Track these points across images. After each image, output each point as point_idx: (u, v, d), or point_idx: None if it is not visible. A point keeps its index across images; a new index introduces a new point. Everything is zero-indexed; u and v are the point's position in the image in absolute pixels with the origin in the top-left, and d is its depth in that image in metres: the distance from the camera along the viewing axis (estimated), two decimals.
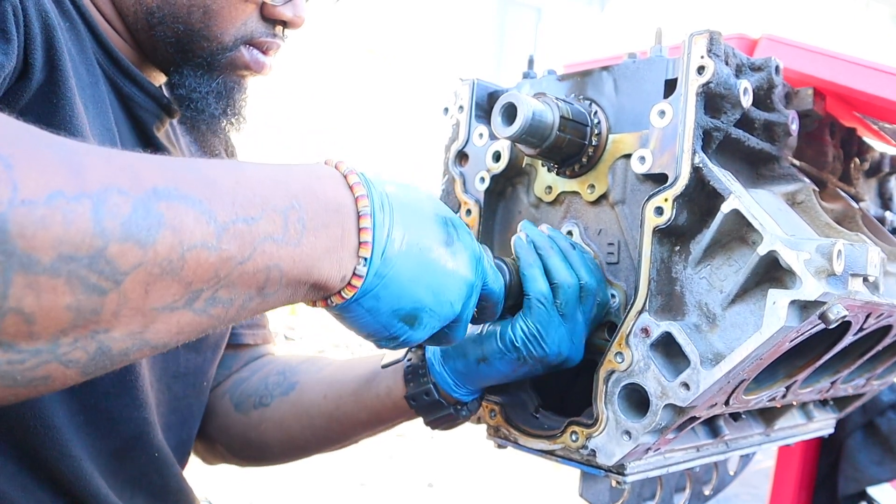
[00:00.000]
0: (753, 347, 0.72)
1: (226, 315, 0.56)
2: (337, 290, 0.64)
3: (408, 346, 0.72)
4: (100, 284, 0.46)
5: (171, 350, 0.98)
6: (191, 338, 0.56)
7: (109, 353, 0.50)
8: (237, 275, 0.54)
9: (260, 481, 3.73)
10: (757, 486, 3.26)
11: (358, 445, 1.16)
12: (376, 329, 0.68)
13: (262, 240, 0.55)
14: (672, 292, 0.81)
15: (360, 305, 0.65)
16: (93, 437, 0.88)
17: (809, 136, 1.02)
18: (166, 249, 0.49)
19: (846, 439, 1.61)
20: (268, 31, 0.92)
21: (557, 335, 0.82)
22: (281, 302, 0.61)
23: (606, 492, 0.92)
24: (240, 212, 0.54)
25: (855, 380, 1.06)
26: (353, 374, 1.05)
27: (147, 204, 0.48)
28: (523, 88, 0.97)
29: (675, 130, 0.80)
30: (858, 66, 0.93)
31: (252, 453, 1.15)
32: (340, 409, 1.04)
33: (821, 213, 0.87)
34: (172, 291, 0.50)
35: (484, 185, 0.97)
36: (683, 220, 0.80)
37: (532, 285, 0.82)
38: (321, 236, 0.60)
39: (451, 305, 0.71)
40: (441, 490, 3.88)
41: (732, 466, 1.14)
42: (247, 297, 0.56)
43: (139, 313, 0.49)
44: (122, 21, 0.90)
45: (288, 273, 0.58)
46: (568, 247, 0.86)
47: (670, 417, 0.78)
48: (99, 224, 0.46)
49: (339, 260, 0.62)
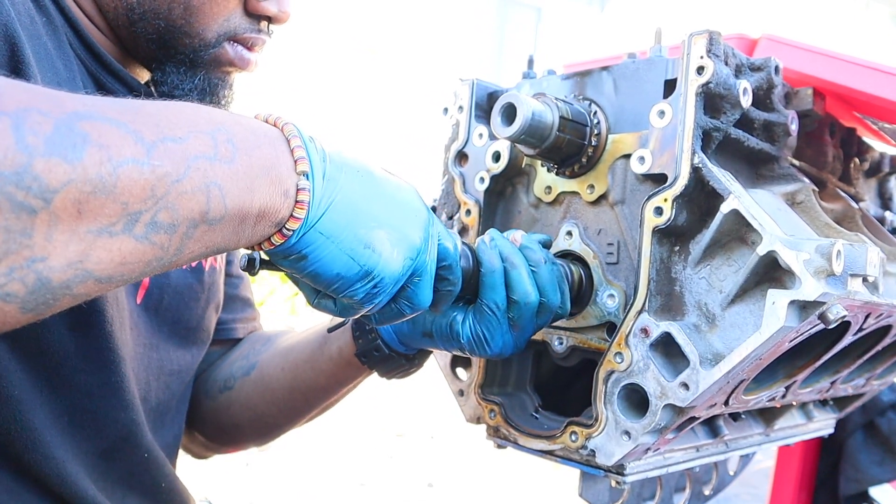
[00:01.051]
0: (753, 347, 0.72)
1: (170, 244, 0.53)
2: (286, 213, 0.61)
3: (384, 288, 0.67)
4: (28, 202, 0.46)
5: (162, 348, 0.99)
6: (136, 271, 0.53)
7: (49, 285, 0.48)
8: (175, 195, 0.52)
9: (260, 481, 3.73)
10: (757, 486, 3.26)
11: (358, 445, 1.16)
12: (344, 264, 0.64)
13: (195, 157, 0.54)
14: (671, 292, 0.81)
15: (318, 232, 0.62)
16: (78, 438, 0.87)
17: (809, 136, 1.02)
18: (95, 165, 0.48)
19: (847, 440, 1.61)
20: (252, 26, 0.90)
21: (503, 340, 0.81)
22: (229, 234, 0.58)
23: (606, 492, 0.92)
24: (166, 132, 0.53)
25: (855, 380, 1.06)
26: (305, 341, 1.06)
27: (69, 123, 0.48)
28: (523, 88, 0.97)
29: (675, 130, 0.80)
30: (858, 66, 0.93)
31: (227, 438, 1.17)
32: (298, 379, 1.06)
33: (820, 213, 0.87)
34: (108, 212, 0.49)
35: (484, 186, 0.97)
36: (683, 221, 0.80)
37: (487, 293, 0.79)
38: (254, 156, 0.58)
39: (413, 233, 0.68)
40: (441, 490, 3.88)
41: (732, 466, 1.14)
42: (190, 223, 0.54)
43: (75, 237, 0.48)
44: (102, 17, 0.89)
45: (228, 192, 0.56)
46: (539, 261, 0.82)
47: (670, 417, 0.78)
48: (21, 140, 0.45)
49: (278, 176, 0.59)
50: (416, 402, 5.05)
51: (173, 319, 1.01)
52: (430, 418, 4.74)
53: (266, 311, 6.00)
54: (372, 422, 4.65)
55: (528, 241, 0.84)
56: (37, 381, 0.82)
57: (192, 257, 0.57)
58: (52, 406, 0.84)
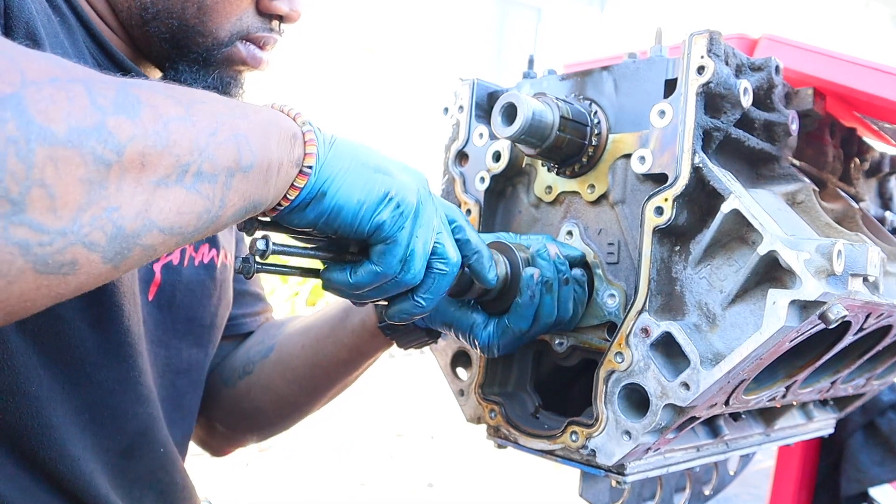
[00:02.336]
0: (753, 347, 0.72)
1: (214, 194, 0.58)
2: (300, 152, 0.66)
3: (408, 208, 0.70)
4: (106, 156, 0.51)
5: (174, 346, 0.99)
6: (191, 223, 0.58)
7: (123, 233, 0.53)
8: (214, 146, 0.58)
9: (260, 481, 3.73)
10: (757, 486, 3.26)
11: (358, 445, 1.17)
12: (361, 189, 0.68)
13: (220, 114, 0.60)
14: (672, 292, 0.81)
15: (330, 166, 0.68)
16: (99, 436, 0.88)
17: (809, 136, 1.02)
18: (151, 121, 0.54)
19: (847, 440, 1.61)
20: (264, 25, 0.92)
21: (511, 347, 0.87)
22: (262, 185, 0.63)
23: (606, 492, 0.92)
24: (194, 96, 0.60)
25: (855, 380, 1.06)
26: (326, 316, 1.08)
27: (125, 89, 0.54)
28: (523, 88, 0.97)
29: (675, 130, 0.80)
30: (858, 66, 0.93)
31: (249, 424, 1.17)
32: (320, 354, 1.07)
33: (821, 213, 0.87)
34: (165, 163, 0.54)
35: (484, 185, 0.97)
36: (683, 220, 0.80)
37: (517, 320, 0.84)
38: (260, 114, 0.65)
39: (415, 172, 0.74)
40: (441, 490, 3.88)
41: (732, 466, 1.14)
42: (227, 172, 0.59)
43: (139, 188, 0.53)
44: (115, 17, 0.90)
45: (252, 141, 0.61)
46: (563, 283, 0.86)
47: (670, 417, 0.78)
48: (94, 101, 0.51)
49: (285, 126, 0.66)
50: (416, 402, 5.05)
51: (187, 317, 1.02)
52: (430, 418, 4.74)
53: None
54: (372, 422, 4.65)
55: (560, 259, 0.87)
56: (58, 378, 0.82)
57: (234, 211, 0.62)
58: (74, 403, 0.84)
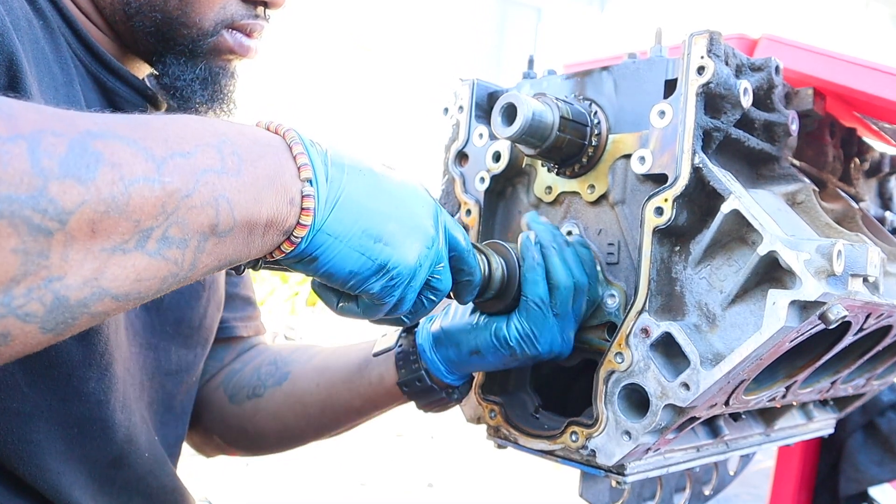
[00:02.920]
0: (753, 348, 0.72)
1: (183, 259, 0.55)
2: (293, 221, 0.62)
3: (401, 280, 0.68)
4: (44, 225, 0.47)
5: (162, 348, 0.99)
6: (152, 288, 0.54)
7: (67, 304, 0.49)
8: (185, 209, 0.53)
9: (260, 481, 3.73)
10: (757, 486, 3.26)
11: (358, 445, 1.16)
12: (356, 261, 0.65)
13: (203, 172, 0.55)
14: (672, 292, 0.81)
15: (326, 234, 0.63)
16: (88, 448, 0.87)
17: (809, 136, 1.02)
18: (108, 185, 0.49)
19: (847, 440, 1.61)
20: (248, 12, 0.91)
21: (550, 335, 0.84)
22: (239, 245, 0.59)
23: (606, 492, 0.92)
24: (174, 147, 0.54)
25: (855, 380, 1.06)
26: (345, 361, 1.05)
27: (83, 143, 0.49)
28: (523, 88, 0.97)
29: (675, 131, 0.80)
30: (858, 66, 0.93)
31: (249, 444, 1.16)
32: (333, 398, 1.05)
33: (821, 214, 0.87)
34: (120, 230, 0.50)
35: (484, 186, 0.97)
36: (683, 221, 0.80)
37: (533, 288, 0.82)
38: (259, 166, 0.59)
39: (422, 221, 0.69)
40: (441, 490, 3.88)
41: (732, 466, 1.14)
42: (201, 236, 0.55)
43: (89, 255, 0.49)
44: (99, 14, 0.89)
45: (236, 204, 0.57)
46: (563, 244, 0.86)
47: (670, 418, 0.78)
48: (37, 163, 0.46)
49: (283, 185, 0.61)
50: None
51: (176, 319, 1.01)
52: (430, 418, 4.73)
53: (266, 310, 5.99)
54: (372, 422, 4.64)
55: (548, 225, 0.87)
56: (45, 395, 0.81)
57: (206, 271, 0.58)
58: (62, 418, 0.83)
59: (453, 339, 0.89)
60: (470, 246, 0.78)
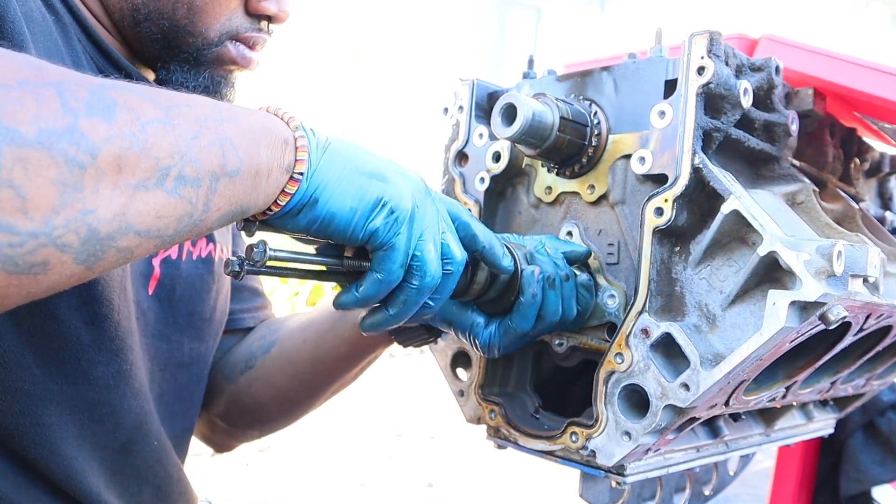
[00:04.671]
0: (753, 348, 0.72)
1: (197, 198, 0.58)
2: (290, 158, 0.66)
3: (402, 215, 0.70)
4: (78, 158, 0.50)
5: (175, 339, 0.99)
6: (171, 227, 0.57)
7: (98, 236, 0.53)
8: (196, 150, 0.57)
9: (260, 481, 3.73)
10: (757, 486, 3.26)
11: (358, 445, 1.17)
12: (354, 195, 0.68)
13: (205, 119, 0.59)
14: (672, 293, 0.81)
15: (323, 172, 0.67)
16: (98, 433, 0.88)
17: (809, 136, 1.02)
18: (128, 124, 0.54)
19: (847, 440, 1.61)
20: (253, 25, 0.93)
21: (513, 347, 0.86)
22: (250, 191, 0.62)
23: (606, 492, 0.92)
24: (175, 100, 0.59)
25: (855, 380, 1.06)
26: (327, 311, 1.08)
27: (100, 91, 0.54)
28: (523, 88, 0.97)
29: (675, 131, 0.80)
30: (858, 66, 0.93)
31: (250, 419, 1.17)
32: (321, 349, 1.07)
33: (821, 214, 0.87)
34: (143, 166, 0.54)
35: (484, 186, 0.97)
36: (683, 221, 0.80)
37: (522, 322, 0.83)
38: (252, 118, 0.64)
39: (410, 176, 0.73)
40: (441, 490, 3.88)
41: (732, 467, 1.14)
42: (212, 176, 0.59)
43: (117, 190, 0.53)
44: (109, 18, 0.91)
45: (239, 146, 0.61)
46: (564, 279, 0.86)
47: (670, 418, 0.78)
48: (66, 104, 0.51)
49: (276, 130, 0.65)
50: (416, 402, 5.05)
51: (187, 311, 1.02)
52: (430, 418, 4.74)
53: None
54: (372, 422, 4.65)
55: (556, 254, 0.87)
56: (55, 377, 0.83)
57: (219, 215, 0.61)
58: (72, 402, 0.85)
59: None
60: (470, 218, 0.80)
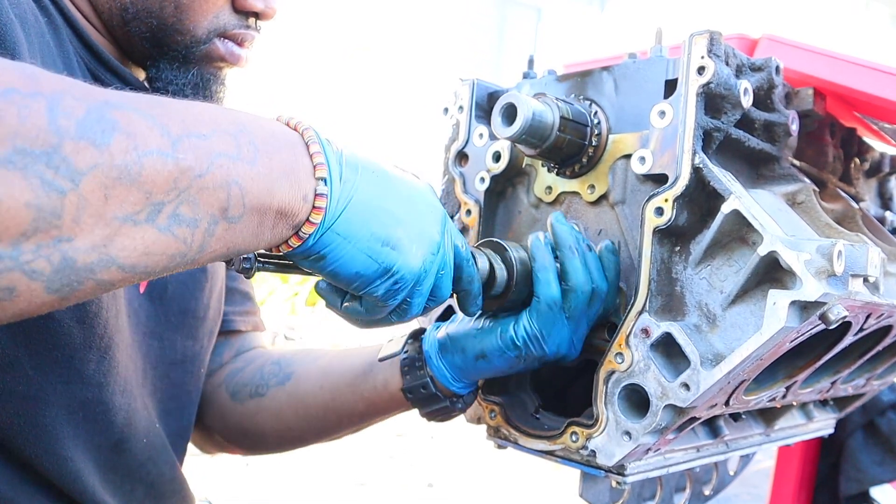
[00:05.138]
0: (754, 348, 0.72)
1: (193, 239, 0.55)
2: (303, 217, 0.63)
3: (405, 284, 0.69)
4: (57, 183, 0.47)
5: (167, 337, 0.99)
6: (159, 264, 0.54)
7: (74, 266, 0.50)
8: (197, 189, 0.54)
9: (260, 481, 3.73)
10: (757, 486, 3.26)
11: (358, 445, 1.16)
12: (362, 263, 0.66)
13: (217, 155, 0.56)
14: (672, 293, 0.81)
15: (335, 233, 0.65)
16: (92, 432, 0.88)
17: (809, 136, 1.02)
18: (122, 152, 0.50)
19: (847, 439, 1.61)
20: (240, 22, 0.93)
21: (559, 337, 0.83)
22: (248, 234, 0.60)
23: (606, 492, 0.92)
24: (191, 128, 0.55)
25: (855, 380, 1.06)
26: (350, 364, 1.05)
27: (101, 110, 0.50)
28: (523, 88, 0.97)
29: (676, 131, 0.80)
30: (858, 66, 0.93)
31: (248, 442, 1.16)
32: (337, 400, 1.05)
33: (821, 214, 0.87)
34: (132, 199, 0.51)
35: (484, 186, 0.97)
36: (684, 221, 0.80)
37: (544, 289, 0.82)
38: (275, 159, 0.60)
39: (430, 227, 0.71)
40: (441, 490, 3.88)
41: (732, 466, 1.14)
42: (211, 218, 0.56)
43: (101, 221, 0.50)
44: (98, 18, 0.91)
45: (248, 192, 0.58)
46: (586, 248, 0.85)
47: (670, 418, 0.78)
48: (54, 121, 0.47)
49: (297, 181, 0.62)
50: None
51: (181, 309, 1.02)
52: None
53: (266, 310, 5.99)
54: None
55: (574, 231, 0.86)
56: (49, 377, 0.82)
57: (213, 257, 0.59)
58: (67, 401, 0.84)
59: (459, 345, 0.89)
60: (469, 255, 0.78)
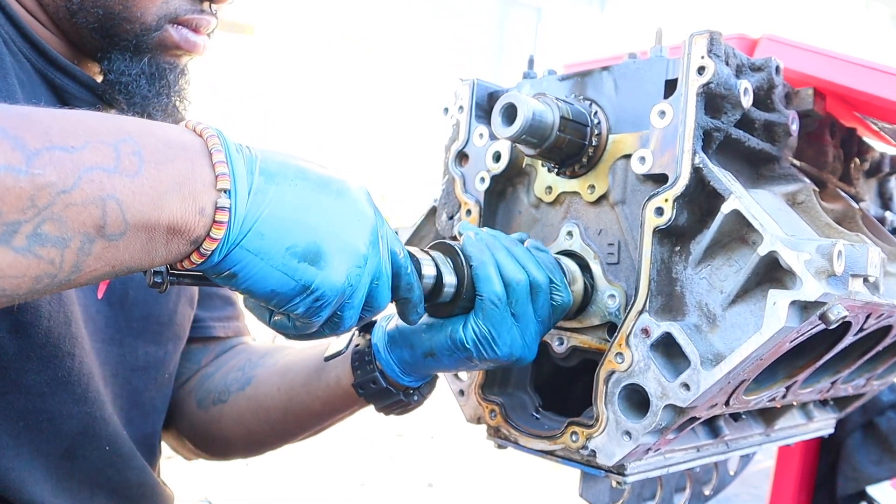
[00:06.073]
0: (754, 348, 0.72)
1: (62, 259, 0.51)
2: (202, 232, 0.57)
3: (328, 300, 0.63)
4: None
5: (128, 343, 0.97)
6: (23, 286, 0.50)
7: None
8: (62, 206, 0.50)
9: (260, 481, 3.73)
10: (757, 486, 3.26)
11: (358, 445, 1.16)
12: (278, 280, 0.61)
13: (89, 169, 0.51)
14: (672, 292, 0.81)
15: (245, 250, 0.59)
16: (37, 441, 0.86)
17: (809, 136, 1.02)
18: None
19: (845, 439, 1.61)
20: (193, 7, 0.89)
21: (510, 337, 0.80)
22: (136, 251, 0.55)
23: (606, 492, 0.92)
24: (56, 140, 0.51)
25: (855, 380, 1.06)
26: (304, 364, 1.03)
27: None
28: (523, 88, 0.97)
29: (676, 131, 0.80)
30: (858, 66, 0.93)
31: (215, 448, 1.15)
32: (294, 401, 1.03)
33: (821, 214, 0.87)
34: None
35: (484, 186, 0.97)
36: (684, 221, 0.80)
37: (486, 286, 0.78)
38: (165, 170, 0.55)
39: (355, 240, 0.64)
40: (441, 490, 3.88)
41: (732, 466, 1.14)
42: (85, 237, 0.52)
43: None
44: (45, 13, 0.89)
45: (129, 208, 0.53)
46: (512, 243, 0.83)
47: (670, 418, 0.78)
48: None
49: (191, 193, 0.56)
50: None
51: (143, 315, 0.99)
52: (430, 418, 4.74)
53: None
54: (372, 422, 4.63)
55: (493, 231, 0.85)
56: None
57: (94, 276, 0.55)
58: (5, 411, 0.83)
59: (408, 340, 0.86)
60: (408, 262, 0.73)
